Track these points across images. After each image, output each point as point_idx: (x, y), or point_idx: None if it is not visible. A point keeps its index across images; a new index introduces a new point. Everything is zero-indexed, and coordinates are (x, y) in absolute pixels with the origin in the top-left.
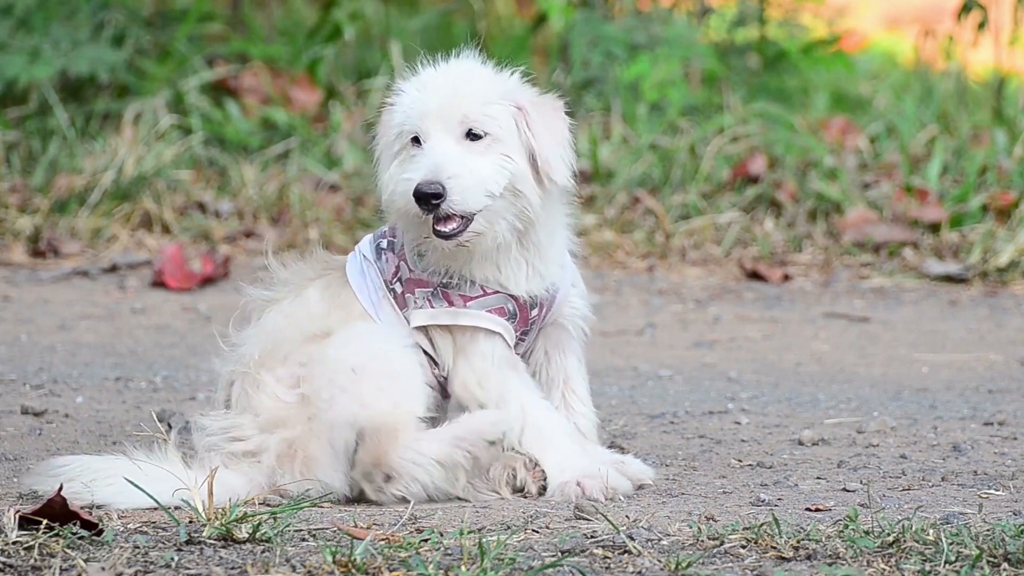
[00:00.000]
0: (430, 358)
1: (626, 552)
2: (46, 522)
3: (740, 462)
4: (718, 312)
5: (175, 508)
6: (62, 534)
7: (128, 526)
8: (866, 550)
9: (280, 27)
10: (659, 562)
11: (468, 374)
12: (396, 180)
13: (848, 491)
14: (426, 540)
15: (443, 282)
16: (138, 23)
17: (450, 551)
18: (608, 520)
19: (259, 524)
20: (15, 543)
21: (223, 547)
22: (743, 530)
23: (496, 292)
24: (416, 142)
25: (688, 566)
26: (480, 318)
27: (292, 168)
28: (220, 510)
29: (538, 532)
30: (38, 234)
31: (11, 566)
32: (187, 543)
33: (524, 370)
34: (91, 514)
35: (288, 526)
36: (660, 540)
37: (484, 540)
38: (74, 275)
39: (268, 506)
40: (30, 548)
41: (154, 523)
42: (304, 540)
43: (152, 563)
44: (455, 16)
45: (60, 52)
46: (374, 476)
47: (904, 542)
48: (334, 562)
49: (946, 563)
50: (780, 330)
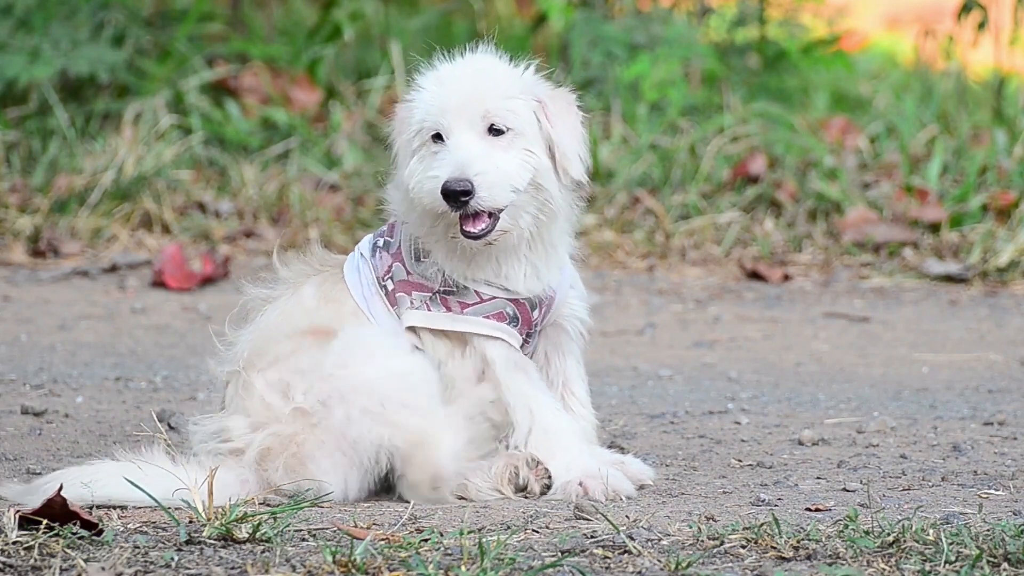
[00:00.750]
0: None
1: (626, 552)
2: (46, 522)
3: (740, 462)
4: (718, 312)
5: (175, 508)
6: (62, 534)
7: (128, 526)
8: (866, 550)
9: (280, 27)
10: (659, 562)
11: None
12: (421, 178)
13: (848, 491)
14: (426, 540)
15: (442, 289)
16: (138, 23)
17: (450, 551)
18: (608, 520)
19: (259, 524)
20: (15, 543)
21: (223, 547)
22: (743, 530)
23: (493, 298)
24: (437, 138)
25: (688, 566)
26: (478, 324)
27: (292, 168)
28: (220, 510)
29: (538, 532)
30: (38, 234)
31: (11, 566)
32: (187, 543)
33: (534, 371)
34: (91, 514)
35: (288, 526)
36: (660, 540)
37: (484, 540)
38: (74, 275)
39: (268, 506)
40: (30, 548)
41: (154, 523)
42: (304, 540)
43: (152, 563)
44: (455, 16)
45: (60, 52)
46: (438, 486)
47: (904, 542)
48: (334, 562)
49: (946, 563)
50: (780, 330)
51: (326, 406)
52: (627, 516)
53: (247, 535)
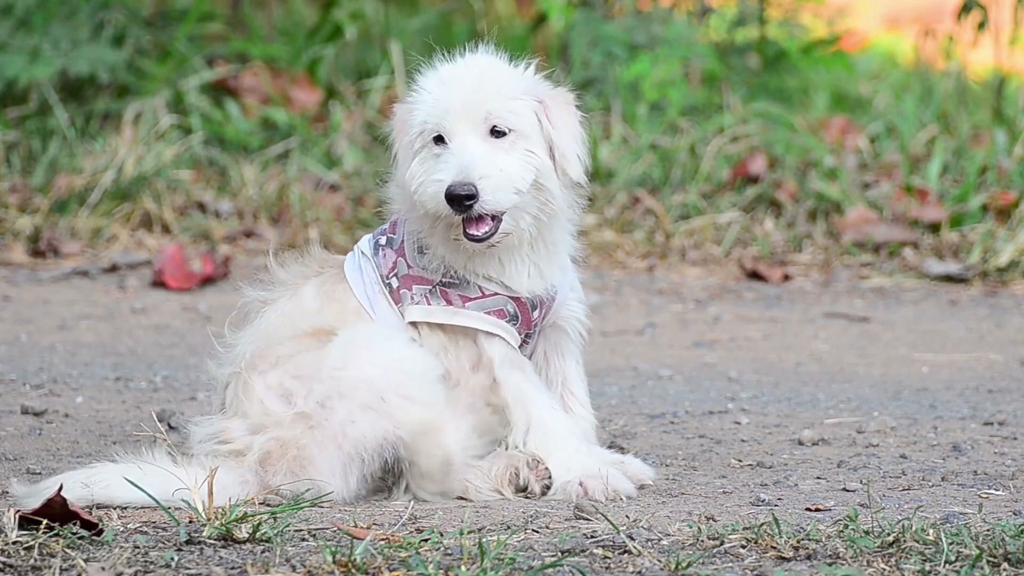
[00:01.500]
0: None
1: (626, 552)
2: (46, 522)
3: (740, 462)
4: (718, 312)
5: (175, 508)
6: (62, 534)
7: (128, 526)
8: (866, 550)
9: (280, 27)
10: (659, 562)
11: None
12: (424, 181)
13: (848, 491)
14: (426, 540)
15: (443, 281)
16: (138, 23)
17: (450, 551)
18: (608, 520)
19: (259, 524)
20: (15, 543)
21: (223, 547)
22: (743, 530)
23: (495, 294)
24: (439, 140)
25: (688, 566)
26: (477, 319)
27: (292, 168)
28: (220, 510)
29: (538, 532)
30: (38, 234)
31: (11, 566)
32: (187, 543)
33: (531, 370)
34: (91, 514)
35: (288, 526)
36: (660, 540)
37: (484, 540)
38: (74, 275)
39: (268, 506)
40: (30, 548)
41: (154, 523)
42: (304, 540)
43: (152, 563)
44: (455, 16)
45: (60, 52)
46: (448, 473)
47: (904, 542)
48: (334, 562)
49: (946, 563)
50: (780, 330)
51: (326, 407)
52: (627, 516)
53: (247, 535)
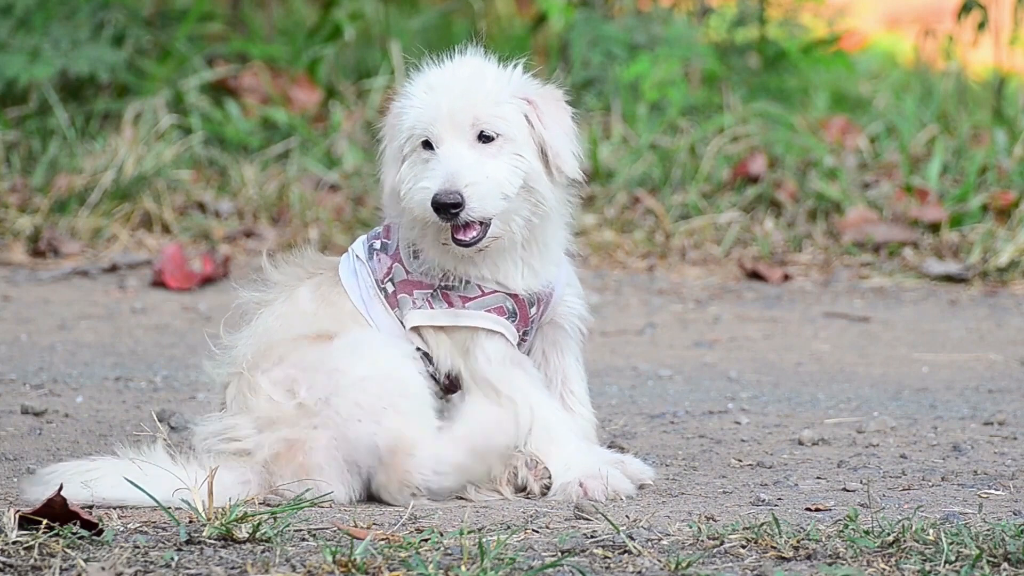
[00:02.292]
0: (426, 356)
1: (626, 552)
2: (46, 522)
3: (740, 462)
4: (718, 312)
5: (175, 508)
6: (62, 534)
7: (128, 526)
8: (866, 550)
9: (280, 27)
10: (659, 562)
11: (477, 374)
12: (412, 188)
13: (848, 491)
14: (426, 540)
15: (442, 284)
16: (138, 23)
17: (450, 551)
18: (608, 520)
19: (259, 524)
20: (15, 543)
21: (223, 547)
22: (743, 530)
23: (494, 292)
24: (427, 146)
25: (688, 566)
26: (480, 318)
27: (292, 168)
28: (220, 510)
29: (538, 532)
30: (38, 234)
31: (11, 566)
32: (187, 543)
33: (531, 367)
34: (91, 514)
35: (288, 526)
36: (660, 540)
37: (484, 540)
38: (74, 275)
39: (268, 506)
40: (30, 548)
41: (154, 523)
42: (304, 540)
43: (152, 563)
44: (455, 16)
45: (60, 52)
46: (403, 493)
47: (904, 542)
48: (334, 562)
49: (946, 563)
50: (780, 330)
51: (329, 404)
52: (627, 516)
53: (247, 535)
